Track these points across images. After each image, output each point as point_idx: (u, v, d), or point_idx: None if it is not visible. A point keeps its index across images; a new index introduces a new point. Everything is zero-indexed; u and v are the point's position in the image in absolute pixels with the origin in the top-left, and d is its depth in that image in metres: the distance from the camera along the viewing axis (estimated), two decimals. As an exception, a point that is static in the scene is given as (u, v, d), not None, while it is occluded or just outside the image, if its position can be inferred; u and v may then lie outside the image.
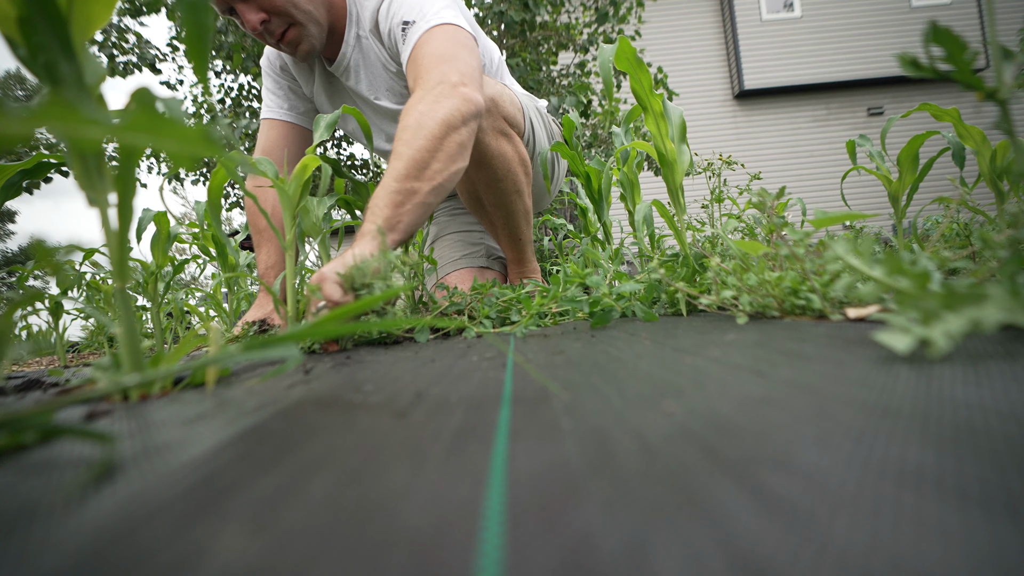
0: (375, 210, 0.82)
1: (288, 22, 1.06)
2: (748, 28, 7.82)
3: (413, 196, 0.84)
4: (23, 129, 0.18)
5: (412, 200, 0.84)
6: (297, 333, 0.31)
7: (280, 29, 1.06)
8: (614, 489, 0.16)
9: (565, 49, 4.12)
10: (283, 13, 1.04)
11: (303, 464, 0.21)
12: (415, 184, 0.84)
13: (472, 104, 0.92)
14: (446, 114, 0.87)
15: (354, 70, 1.20)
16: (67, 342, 1.76)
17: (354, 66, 1.19)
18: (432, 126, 0.86)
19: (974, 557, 0.11)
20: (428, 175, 0.86)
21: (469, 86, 0.93)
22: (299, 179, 0.85)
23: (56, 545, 0.16)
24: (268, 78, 1.28)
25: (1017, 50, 0.41)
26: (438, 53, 0.96)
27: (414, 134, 0.85)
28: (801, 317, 0.54)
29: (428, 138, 0.85)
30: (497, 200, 1.22)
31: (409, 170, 0.84)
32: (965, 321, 0.29)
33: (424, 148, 0.85)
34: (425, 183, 0.85)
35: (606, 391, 0.29)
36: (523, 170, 1.23)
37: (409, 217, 0.85)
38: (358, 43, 1.16)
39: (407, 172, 0.84)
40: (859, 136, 1.26)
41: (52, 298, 1.47)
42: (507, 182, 1.18)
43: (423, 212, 0.87)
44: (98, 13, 0.42)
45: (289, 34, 1.07)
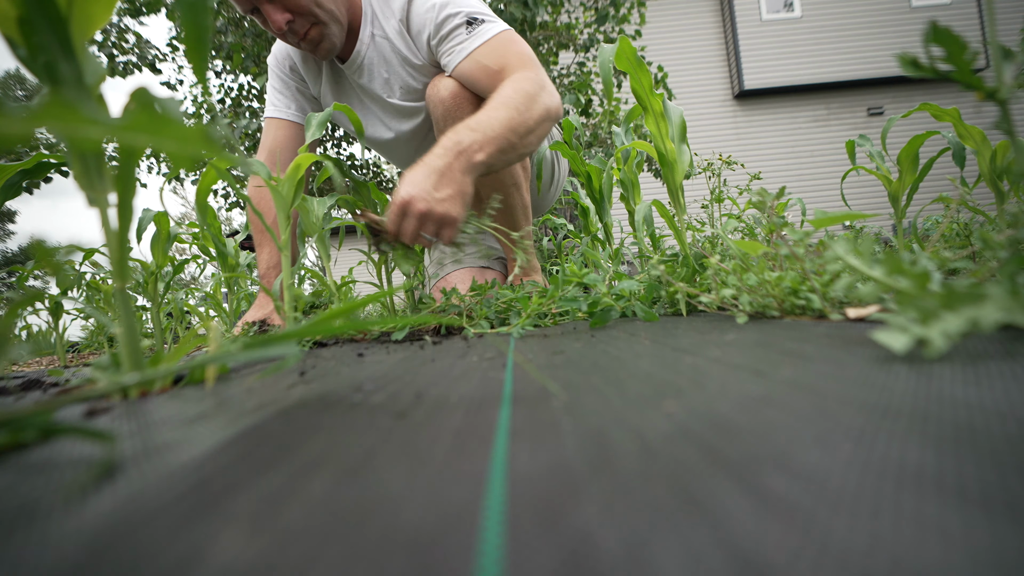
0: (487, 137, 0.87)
1: (312, 21, 1.07)
2: (748, 28, 7.82)
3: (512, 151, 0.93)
4: (23, 129, 0.18)
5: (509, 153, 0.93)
6: (296, 331, 0.31)
7: (304, 29, 1.08)
8: (614, 489, 0.16)
9: (565, 49, 4.12)
10: (307, 13, 1.06)
11: (303, 464, 0.21)
12: (518, 141, 0.93)
13: (560, 110, 1.05)
14: (550, 103, 1.00)
15: (368, 68, 1.20)
16: (67, 342, 1.76)
17: (368, 64, 1.20)
18: (542, 106, 0.97)
19: (974, 557, 0.11)
20: (526, 141, 0.96)
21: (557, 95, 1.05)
22: (292, 179, 0.85)
23: (56, 545, 0.16)
24: (275, 77, 1.28)
25: (1017, 50, 0.41)
26: (530, 55, 1.07)
27: (529, 101, 0.95)
28: (801, 317, 0.54)
29: (538, 112, 0.96)
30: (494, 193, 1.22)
31: (520, 127, 0.92)
32: (964, 321, 0.29)
33: (533, 118, 0.95)
34: (521, 146, 0.95)
35: (606, 391, 0.29)
36: (520, 165, 1.23)
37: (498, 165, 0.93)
38: (373, 42, 1.17)
39: (518, 127, 0.92)
40: (859, 136, 1.26)
41: (52, 298, 1.47)
42: (505, 175, 1.19)
43: (499, 161, 0.93)
44: (98, 13, 0.42)
45: (312, 33, 1.09)
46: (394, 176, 6.06)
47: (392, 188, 5.45)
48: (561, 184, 1.58)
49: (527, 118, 0.94)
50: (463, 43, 1.08)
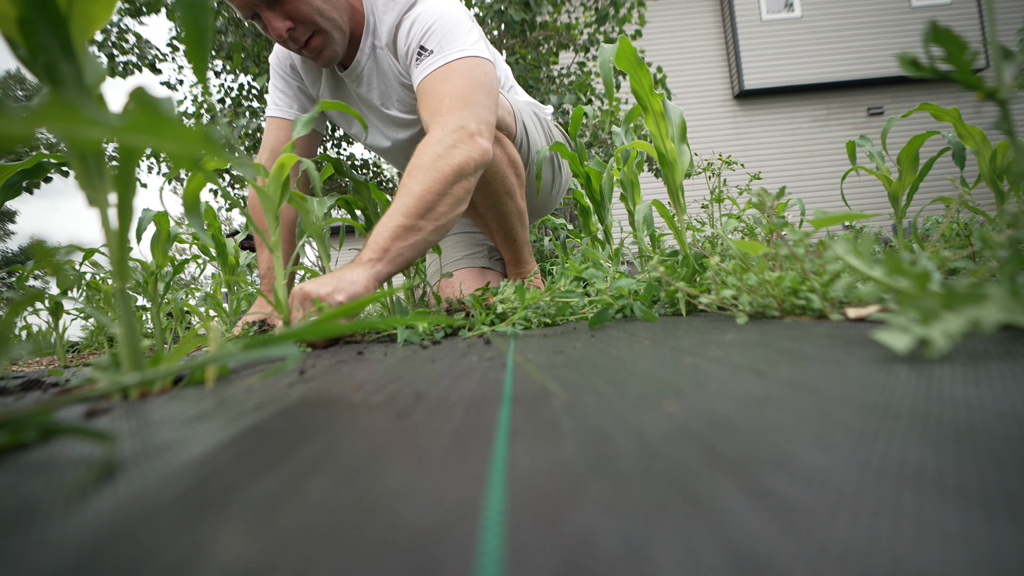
0: (378, 239, 0.86)
1: (313, 30, 1.06)
2: (748, 28, 7.82)
3: (416, 233, 0.90)
4: (23, 129, 0.18)
5: (414, 236, 0.89)
6: (296, 332, 0.31)
7: (304, 37, 1.07)
8: (614, 489, 0.16)
9: (565, 49, 4.12)
10: (308, 21, 1.04)
11: (303, 464, 0.21)
12: (420, 222, 0.90)
13: (486, 156, 0.98)
14: (461, 161, 0.93)
15: (367, 79, 1.20)
16: (67, 342, 1.76)
17: (367, 75, 1.19)
18: (446, 170, 0.91)
19: (974, 557, 0.11)
20: (433, 216, 0.91)
21: (485, 136, 0.99)
22: (277, 179, 0.85)
23: (56, 545, 0.16)
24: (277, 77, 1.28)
25: (1017, 50, 0.41)
26: (459, 94, 1.00)
27: (426, 175, 0.91)
28: (801, 317, 0.54)
29: (440, 181, 0.91)
30: (488, 202, 1.22)
31: (417, 208, 0.89)
32: (965, 321, 0.29)
33: (434, 191, 0.90)
34: (430, 223, 0.91)
35: (606, 391, 0.29)
36: (513, 172, 1.23)
37: (408, 252, 0.90)
38: (373, 53, 1.16)
39: (415, 210, 0.89)
40: (859, 136, 1.26)
41: (52, 298, 1.47)
42: (496, 184, 1.19)
43: (422, 249, 0.92)
44: (98, 13, 0.42)
45: (313, 41, 1.08)
46: (394, 176, 6.06)
47: (392, 188, 5.46)
48: (565, 184, 1.58)
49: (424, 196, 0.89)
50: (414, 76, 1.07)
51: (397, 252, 0.88)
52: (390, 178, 5.29)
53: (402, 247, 0.88)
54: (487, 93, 1.05)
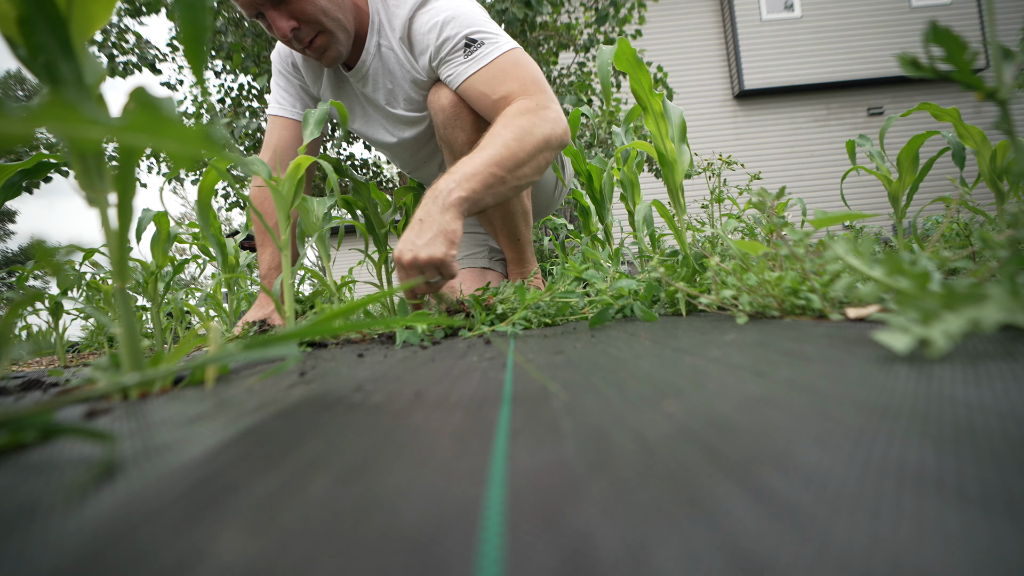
0: (465, 176, 0.88)
1: (317, 30, 1.06)
2: (748, 28, 7.82)
3: (501, 184, 0.93)
4: (23, 129, 0.18)
5: (499, 188, 0.93)
6: (297, 332, 0.31)
7: (309, 37, 1.06)
8: (614, 489, 0.16)
9: (565, 49, 4.12)
10: (313, 21, 1.04)
11: (303, 464, 0.21)
12: (507, 175, 0.93)
13: (568, 137, 1.04)
14: (549, 133, 0.98)
15: (372, 78, 1.19)
16: (67, 342, 1.76)
17: (373, 74, 1.19)
18: (538, 136, 0.96)
19: (974, 557, 0.11)
20: (519, 174, 0.95)
21: (563, 118, 1.04)
22: (292, 178, 0.85)
23: (56, 545, 0.16)
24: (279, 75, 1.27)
25: (1017, 50, 0.41)
26: (535, 77, 1.06)
27: (522, 134, 0.94)
28: (801, 317, 0.54)
29: (532, 144, 0.95)
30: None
31: (508, 161, 0.92)
32: (965, 321, 0.29)
33: (526, 150, 0.94)
34: (512, 179, 0.94)
35: (606, 391, 0.29)
36: None
37: (489, 199, 0.93)
38: (379, 52, 1.16)
39: (505, 162, 0.91)
40: (859, 136, 1.26)
41: (52, 298, 1.47)
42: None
43: (494, 201, 0.94)
44: (98, 13, 0.42)
45: (317, 41, 1.07)
46: (394, 176, 6.06)
47: (392, 188, 5.45)
48: (568, 184, 1.58)
49: (517, 152, 0.93)
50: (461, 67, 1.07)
51: (481, 195, 0.90)
52: (390, 178, 5.29)
53: (487, 193, 0.91)
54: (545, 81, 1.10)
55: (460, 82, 1.07)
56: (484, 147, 0.92)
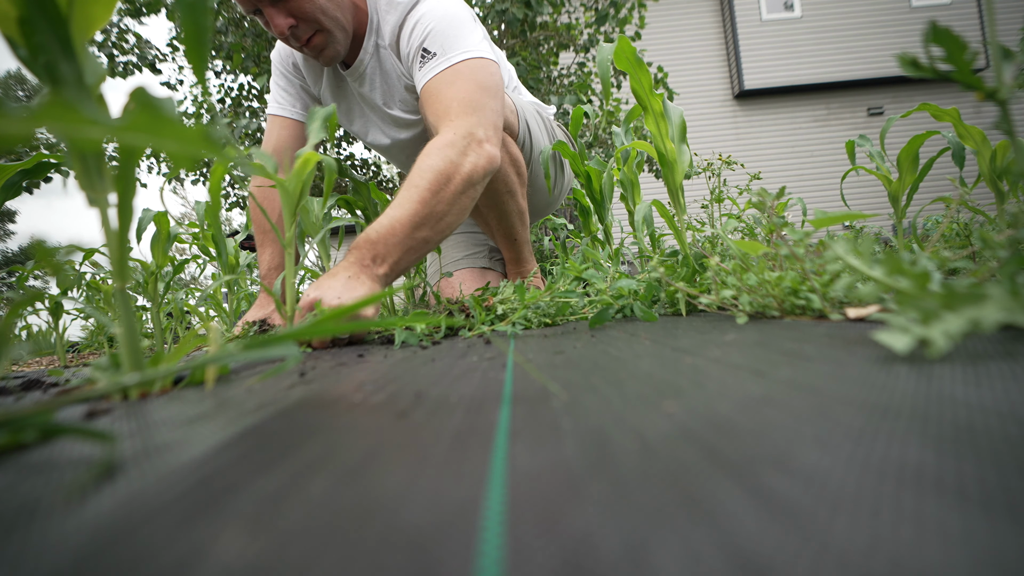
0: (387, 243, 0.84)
1: (315, 28, 1.05)
2: (748, 28, 7.82)
3: (424, 243, 0.89)
4: (23, 129, 0.18)
5: (422, 249, 0.89)
6: (297, 332, 0.31)
7: (307, 35, 1.05)
8: (614, 489, 0.16)
9: (565, 49, 4.12)
10: (311, 19, 1.03)
11: (303, 464, 0.21)
12: (428, 233, 0.88)
13: (493, 163, 0.97)
14: (470, 170, 0.92)
15: (369, 78, 1.19)
16: (67, 342, 1.76)
17: (370, 74, 1.18)
18: (456, 179, 0.90)
19: (974, 557, 0.11)
20: (441, 225, 0.90)
21: (492, 142, 0.98)
22: (299, 176, 0.85)
23: (56, 545, 0.16)
24: (279, 75, 1.27)
25: (1017, 50, 0.41)
26: (466, 99, 0.98)
27: (436, 181, 0.88)
28: (801, 317, 0.54)
29: (451, 191, 0.89)
30: (489, 200, 1.22)
31: (426, 218, 0.87)
32: (965, 321, 0.29)
33: (444, 200, 0.89)
34: (436, 234, 0.90)
35: (606, 391, 0.29)
36: (515, 170, 1.23)
37: (413, 258, 0.89)
38: (376, 52, 1.15)
39: (424, 219, 0.87)
40: (859, 136, 1.26)
41: (52, 298, 1.47)
42: (498, 183, 1.18)
43: (423, 255, 0.92)
44: (98, 13, 0.42)
45: (315, 40, 1.07)
46: (394, 176, 6.05)
47: (392, 188, 5.45)
48: (568, 184, 1.58)
49: (435, 206, 0.88)
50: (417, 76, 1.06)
51: (405, 263, 0.87)
52: (390, 178, 5.29)
53: (409, 256, 0.87)
54: (493, 96, 1.03)
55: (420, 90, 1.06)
56: (402, 203, 0.87)
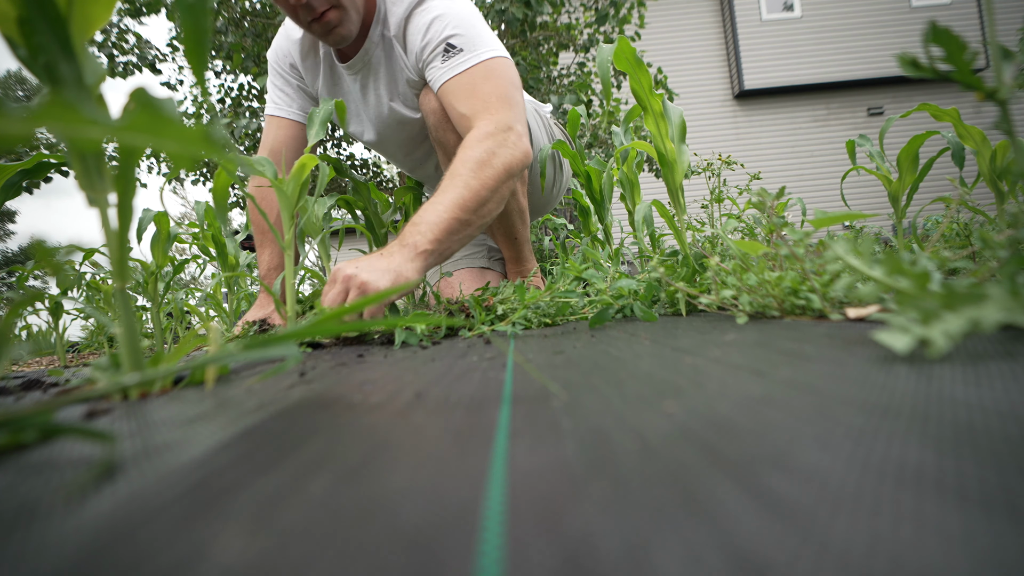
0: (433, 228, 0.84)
1: (332, 3, 1.03)
2: (748, 28, 7.82)
3: (466, 228, 0.89)
4: (23, 129, 0.18)
5: (464, 231, 0.89)
6: (297, 332, 0.31)
7: (322, 8, 1.03)
8: (614, 489, 0.16)
9: (565, 49, 4.12)
10: None
11: (303, 464, 0.21)
12: (471, 217, 0.89)
13: (528, 158, 0.99)
14: (510, 161, 0.94)
15: (375, 68, 1.17)
16: (67, 342, 1.76)
17: (376, 64, 1.16)
18: (499, 168, 0.92)
19: (974, 557, 0.11)
20: (483, 212, 0.91)
21: (526, 137, 1.00)
22: (297, 179, 0.85)
23: (56, 545, 0.16)
24: (276, 75, 1.25)
25: (1017, 50, 0.41)
26: (503, 94, 1.01)
27: (481, 170, 0.90)
28: (801, 317, 0.54)
29: (494, 178, 0.91)
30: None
31: (470, 203, 0.88)
32: (965, 321, 0.29)
33: (488, 187, 0.90)
34: (478, 219, 0.90)
35: (606, 391, 0.29)
36: None
37: (456, 245, 0.89)
38: (382, 42, 1.14)
39: (471, 205, 0.88)
40: (859, 136, 1.26)
41: (52, 298, 1.47)
42: None
43: (464, 243, 0.91)
44: (98, 13, 0.42)
45: (330, 14, 1.04)
46: (394, 176, 6.05)
47: (392, 188, 5.44)
48: (566, 183, 1.58)
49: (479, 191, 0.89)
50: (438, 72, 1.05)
51: (447, 245, 0.87)
52: (390, 178, 5.29)
53: (453, 240, 0.87)
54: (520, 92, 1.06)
55: (437, 88, 1.06)
56: (445, 189, 0.88)
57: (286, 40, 1.23)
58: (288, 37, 1.23)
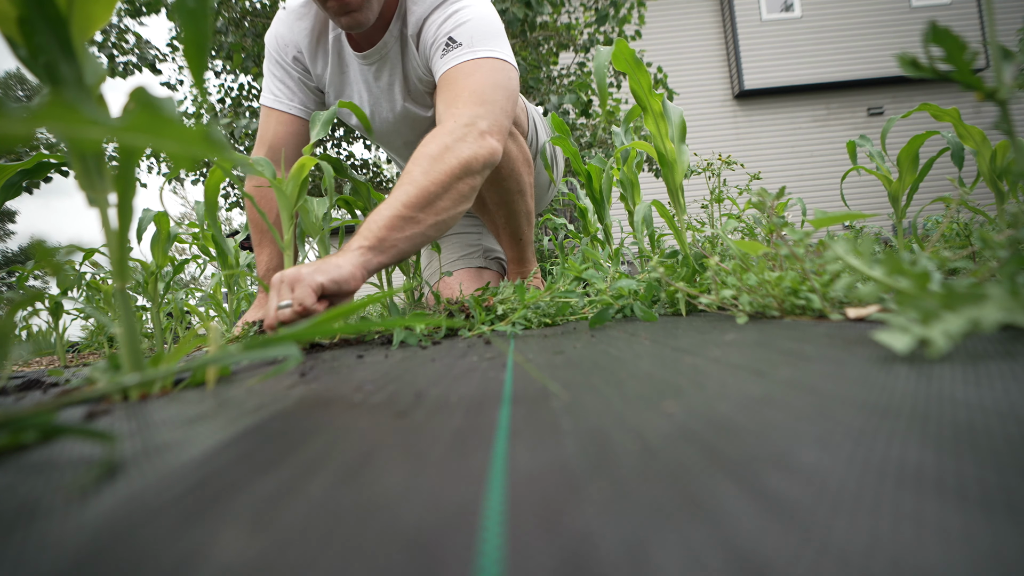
0: (372, 226, 0.81)
1: None
2: (748, 28, 7.82)
3: (414, 225, 0.84)
4: (23, 129, 0.18)
5: (412, 229, 0.84)
6: (297, 332, 0.31)
7: None
8: (614, 489, 0.16)
9: (565, 49, 4.12)
10: None
11: (303, 464, 0.21)
12: (420, 214, 0.84)
13: (494, 156, 0.94)
14: (468, 157, 0.89)
15: (391, 62, 1.16)
16: (67, 342, 1.76)
17: (392, 59, 1.15)
18: (452, 163, 0.87)
19: (974, 557, 0.11)
20: (434, 210, 0.86)
21: (495, 136, 0.95)
22: (296, 179, 0.85)
23: (56, 545, 0.16)
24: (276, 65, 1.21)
25: (1017, 50, 0.41)
26: (478, 91, 0.98)
27: (432, 165, 0.86)
28: (801, 317, 0.54)
29: (445, 174, 0.86)
30: (500, 199, 1.22)
31: (419, 199, 0.84)
32: (965, 321, 0.29)
33: (439, 182, 0.85)
34: (430, 216, 0.86)
35: (606, 391, 0.29)
36: (527, 170, 1.23)
37: (404, 244, 0.84)
38: (400, 39, 1.13)
39: (416, 201, 0.84)
40: (859, 136, 1.26)
41: (52, 298, 1.47)
42: (511, 181, 1.19)
43: (418, 243, 0.86)
44: (98, 13, 0.42)
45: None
46: (394, 176, 6.05)
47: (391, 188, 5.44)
48: (558, 178, 1.58)
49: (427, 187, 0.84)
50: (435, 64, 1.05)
51: (392, 243, 0.82)
52: (390, 178, 5.29)
53: (397, 238, 0.82)
54: (506, 97, 1.02)
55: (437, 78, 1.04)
56: (396, 187, 0.85)
57: (288, 30, 1.18)
58: (291, 27, 1.18)
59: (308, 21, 1.16)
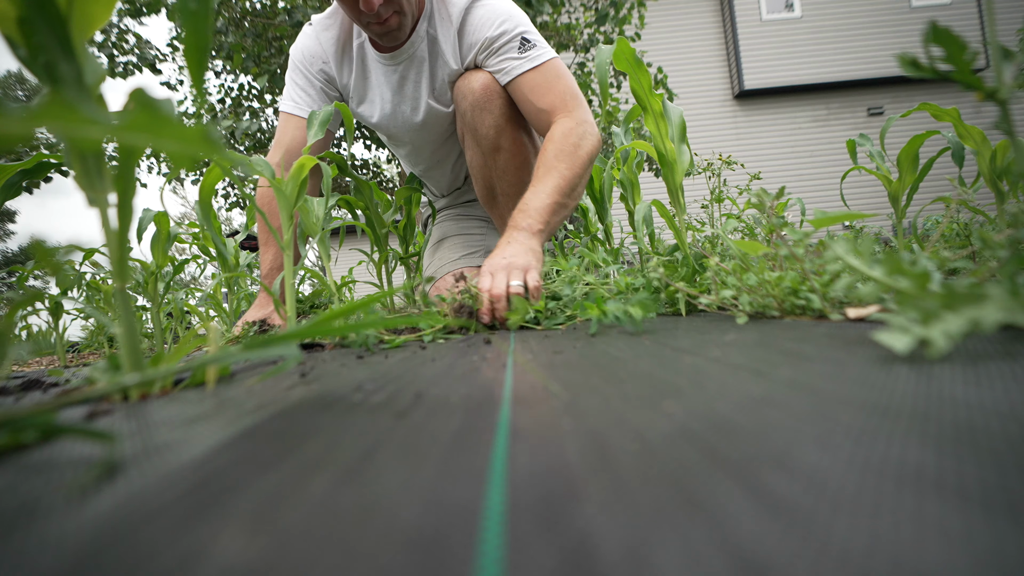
0: (538, 210, 0.98)
1: (395, 9, 1.11)
2: (748, 28, 7.82)
3: (564, 209, 1.04)
4: (23, 129, 0.18)
5: (563, 212, 1.04)
6: (297, 332, 0.31)
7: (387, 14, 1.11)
8: (614, 489, 0.16)
9: (565, 49, 4.12)
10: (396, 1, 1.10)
11: (303, 464, 0.21)
12: (568, 200, 1.04)
13: (601, 145, 1.13)
14: (591, 149, 1.09)
15: (419, 62, 1.21)
16: (67, 342, 1.76)
17: (420, 57, 1.21)
18: (584, 157, 1.06)
19: (974, 557, 0.11)
20: (575, 194, 1.06)
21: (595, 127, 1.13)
22: (296, 179, 0.85)
23: (56, 545, 0.16)
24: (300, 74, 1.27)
25: (1017, 50, 0.41)
26: (574, 92, 1.14)
27: (572, 160, 1.04)
28: (801, 317, 0.54)
29: (580, 166, 1.05)
30: (511, 189, 1.25)
31: (568, 187, 1.03)
32: (965, 321, 0.29)
33: (577, 174, 1.05)
34: (572, 200, 1.05)
35: (606, 391, 0.29)
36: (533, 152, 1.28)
37: (556, 226, 1.03)
38: (427, 38, 1.19)
39: (566, 189, 1.02)
40: (859, 136, 1.26)
41: (52, 298, 1.47)
42: (524, 171, 1.23)
43: (561, 222, 1.06)
44: (98, 13, 0.42)
45: (392, 20, 1.11)
46: (394, 176, 6.05)
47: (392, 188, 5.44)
48: None
49: (571, 178, 1.02)
50: (514, 62, 1.13)
51: (552, 225, 1.00)
52: (390, 178, 5.29)
53: (555, 221, 1.01)
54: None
55: (512, 77, 1.14)
56: (542, 178, 1.01)
57: (315, 43, 1.26)
58: (318, 38, 1.25)
59: (334, 31, 1.24)
